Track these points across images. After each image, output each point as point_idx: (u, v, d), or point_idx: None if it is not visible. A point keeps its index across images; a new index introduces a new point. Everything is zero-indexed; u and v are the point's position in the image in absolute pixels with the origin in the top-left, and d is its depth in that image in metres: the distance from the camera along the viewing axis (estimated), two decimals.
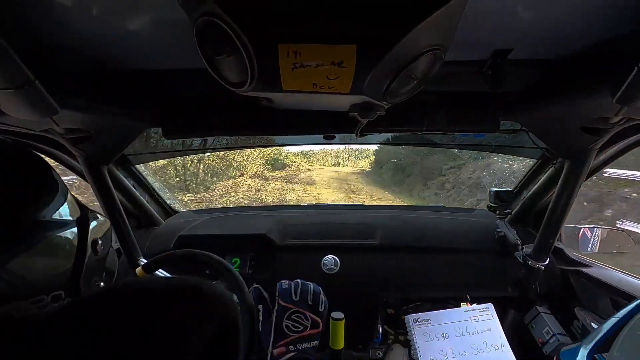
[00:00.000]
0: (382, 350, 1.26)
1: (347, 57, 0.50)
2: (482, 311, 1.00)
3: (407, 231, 1.37)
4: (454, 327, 0.95)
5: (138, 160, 1.40)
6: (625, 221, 4.03)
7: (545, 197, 1.27)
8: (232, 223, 1.44)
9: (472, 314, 0.99)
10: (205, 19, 0.46)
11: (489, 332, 0.94)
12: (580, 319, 1.11)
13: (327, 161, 27.62)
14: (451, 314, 0.99)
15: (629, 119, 0.72)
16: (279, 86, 0.55)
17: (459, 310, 1.00)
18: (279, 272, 1.28)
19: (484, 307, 1.02)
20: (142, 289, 0.32)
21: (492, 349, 0.90)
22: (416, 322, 0.97)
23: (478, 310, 1.00)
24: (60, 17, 0.54)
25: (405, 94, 0.62)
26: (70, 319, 0.26)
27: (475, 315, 0.99)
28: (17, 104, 0.58)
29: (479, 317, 0.98)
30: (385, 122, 0.91)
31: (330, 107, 0.77)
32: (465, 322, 0.97)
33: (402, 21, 0.46)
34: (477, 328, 0.95)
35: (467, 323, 0.97)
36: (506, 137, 1.19)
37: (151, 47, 0.66)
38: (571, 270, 1.19)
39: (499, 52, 0.68)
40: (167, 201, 1.64)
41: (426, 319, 0.98)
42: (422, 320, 0.97)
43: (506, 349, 0.90)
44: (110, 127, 0.91)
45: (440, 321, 0.97)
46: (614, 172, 4.14)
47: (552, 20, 0.56)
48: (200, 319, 0.31)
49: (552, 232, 1.08)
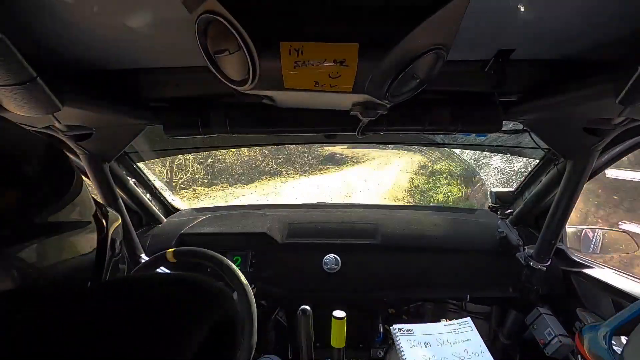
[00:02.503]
0: (383, 349, 1.26)
1: (349, 56, 0.50)
2: (462, 324, 1.10)
3: (408, 231, 1.37)
4: (435, 338, 1.04)
5: (140, 158, 1.40)
6: (628, 222, 4.01)
7: (547, 198, 1.27)
8: (233, 221, 1.44)
9: (452, 327, 1.09)
10: (207, 16, 0.46)
11: (469, 341, 1.03)
12: (582, 319, 1.10)
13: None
14: (432, 327, 1.08)
15: (631, 119, 0.72)
16: (280, 84, 0.55)
17: (439, 325, 1.10)
18: (280, 271, 1.29)
19: (462, 321, 1.11)
20: (139, 282, 0.32)
21: (474, 356, 0.98)
22: (400, 331, 1.06)
23: (457, 324, 1.10)
24: (62, 15, 0.54)
25: (408, 93, 0.62)
26: (68, 314, 0.26)
27: (455, 328, 1.08)
28: (19, 100, 0.58)
29: (458, 329, 1.08)
30: (387, 121, 0.91)
31: (331, 105, 0.77)
32: (446, 334, 1.06)
33: (404, 20, 0.46)
34: (457, 339, 1.04)
35: (447, 335, 1.06)
36: (508, 137, 1.19)
37: (153, 44, 0.66)
38: (573, 271, 1.18)
39: (502, 52, 0.68)
40: (169, 199, 1.65)
41: (410, 329, 1.07)
42: (406, 330, 1.07)
43: (486, 355, 0.98)
44: (112, 125, 0.91)
45: (423, 331, 1.06)
46: (616, 174, 4.12)
47: (555, 20, 0.56)
48: (197, 313, 0.30)
49: (554, 233, 1.07)
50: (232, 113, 0.92)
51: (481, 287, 1.27)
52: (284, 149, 8.59)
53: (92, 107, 0.76)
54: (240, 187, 8.11)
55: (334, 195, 7.28)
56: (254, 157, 8.72)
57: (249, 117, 0.93)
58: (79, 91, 0.71)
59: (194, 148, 1.75)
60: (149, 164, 1.60)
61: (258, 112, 0.93)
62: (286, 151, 8.75)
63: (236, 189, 8.01)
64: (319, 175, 8.84)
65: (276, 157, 8.87)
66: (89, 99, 0.75)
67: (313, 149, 9.07)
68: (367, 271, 1.28)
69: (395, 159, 9.40)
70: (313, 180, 8.44)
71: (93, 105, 0.76)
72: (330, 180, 8.35)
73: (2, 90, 0.54)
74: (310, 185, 8.10)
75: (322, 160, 9.44)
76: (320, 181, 8.31)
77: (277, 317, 1.37)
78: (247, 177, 8.50)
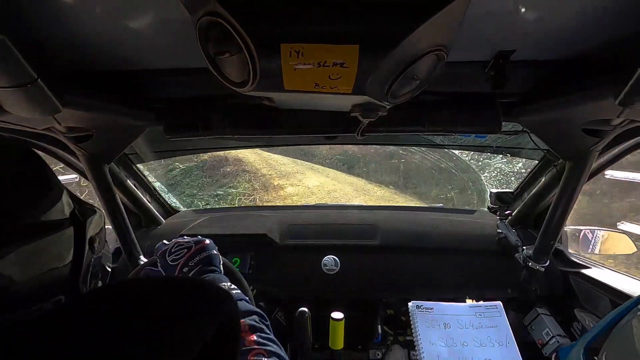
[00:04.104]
0: (382, 350, 1.26)
1: (350, 58, 0.50)
2: (490, 308, 1.00)
3: (407, 232, 1.37)
4: (457, 319, 0.95)
5: (139, 160, 1.40)
6: (626, 223, 4.02)
7: (546, 199, 1.27)
8: (233, 223, 1.44)
9: (478, 309, 0.99)
10: (207, 18, 0.46)
11: (494, 328, 0.94)
12: (580, 320, 1.10)
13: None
14: (455, 308, 0.99)
15: (630, 120, 0.72)
16: (281, 86, 0.55)
17: (464, 305, 1.00)
18: (279, 272, 1.28)
19: (491, 304, 1.01)
20: (140, 284, 0.32)
21: (497, 344, 0.89)
22: (419, 308, 0.97)
23: (485, 306, 1.00)
24: (63, 17, 0.54)
25: (408, 95, 0.62)
26: (65, 317, 0.25)
27: (482, 311, 0.98)
28: (19, 102, 0.58)
29: (484, 312, 0.98)
30: (387, 122, 0.91)
31: (331, 107, 0.77)
32: (470, 317, 0.97)
33: (404, 21, 0.46)
34: (481, 323, 0.94)
35: (471, 317, 0.96)
36: (508, 138, 1.19)
37: (153, 46, 0.66)
38: (571, 272, 1.19)
39: (502, 53, 0.68)
40: (168, 200, 1.64)
41: (429, 307, 0.98)
42: (425, 308, 0.98)
43: (512, 346, 0.89)
44: (112, 126, 0.91)
45: (443, 311, 0.97)
46: (615, 174, 4.13)
47: (555, 21, 0.56)
48: (203, 316, 0.30)
49: (552, 234, 1.08)
50: (232, 114, 0.92)
51: (480, 287, 1.27)
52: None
53: (92, 108, 0.76)
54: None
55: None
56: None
57: (249, 119, 0.93)
58: (80, 93, 0.71)
59: (194, 149, 1.75)
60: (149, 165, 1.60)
61: (258, 114, 0.93)
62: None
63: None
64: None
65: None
66: (90, 101, 0.75)
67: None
68: (366, 272, 1.28)
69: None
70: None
71: (93, 106, 0.76)
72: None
73: (2, 91, 0.54)
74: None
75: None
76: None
77: (277, 317, 1.37)
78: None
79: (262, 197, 6.81)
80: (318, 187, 7.08)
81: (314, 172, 8.08)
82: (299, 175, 7.77)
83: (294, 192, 6.89)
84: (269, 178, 7.58)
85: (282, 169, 8.07)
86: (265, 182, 7.39)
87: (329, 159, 8.54)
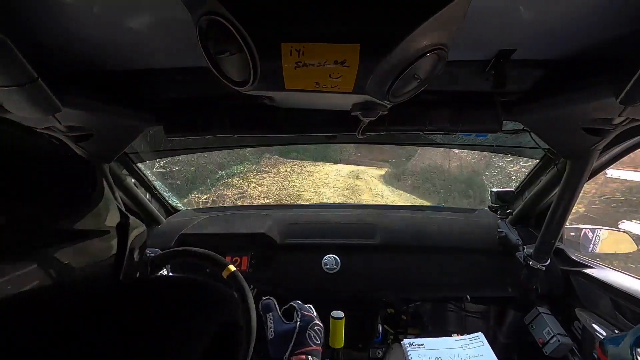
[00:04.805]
0: (382, 349, 1.27)
1: (350, 56, 0.49)
2: (473, 339, 1.08)
3: (407, 231, 1.37)
4: (446, 353, 1.04)
5: (139, 159, 1.40)
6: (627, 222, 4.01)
7: (547, 198, 1.27)
8: (233, 222, 1.44)
9: (463, 342, 1.08)
10: (208, 17, 0.46)
11: (480, 357, 1.02)
12: (581, 319, 1.10)
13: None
14: (443, 342, 1.08)
15: (632, 119, 0.72)
16: (281, 85, 0.55)
17: (450, 339, 1.09)
18: (279, 272, 1.29)
19: (474, 336, 1.10)
20: (146, 285, 0.33)
21: None
22: (411, 345, 1.06)
23: (469, 339, 1.09)
24: (63, 17, 0.53)
25: (408, 94, 0.62)
26: (78, 313, 0.26)
27: (466, 343, 1.08)
28: (19, 101, 0.58)
29: (469, 344, 1.07)
30: (387, 121, 0.91)
31: (332, 106, 0.77)
32: (457, 350, 1.05)
33: (405, 20, 0.46)
34: (468, 354, 1.03)
35: (458, 350, 1.05)
36: (508, 137, 1.19)
37: (153, 45, 0.66)
38: (572, 271, 1.19)
39: (503, 52, 0.68)
40: (168, 199, 1.64)
41: (420, 343, 1.06)
42: (417, 344, 1.06)
43: None
44: (112, 126, 0.91)
45: (433, 346, 1.06)
46: (615, 173, 4.13)
47: (556, 20, 0.56)
48: (207, 317, 0.31)
49: (553, 233, 1.08)
50: (232, 114, 0.92)
51: (480, 286, 1.27)
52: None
53: (92, 108, 0.76)
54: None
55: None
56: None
57: (249, 118, 0.93)
58: (80, 92, 0.71)
59: (194, 149, 1.75)
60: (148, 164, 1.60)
61: (258, 113, 0.93)
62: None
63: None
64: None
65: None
66: (90, 100, 0.75)
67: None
68: (367, 271, 1.28)
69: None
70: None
71: (93, 106, 0.76)
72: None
73: (3, 91, 0.54)
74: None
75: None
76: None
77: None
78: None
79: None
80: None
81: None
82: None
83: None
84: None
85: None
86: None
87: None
